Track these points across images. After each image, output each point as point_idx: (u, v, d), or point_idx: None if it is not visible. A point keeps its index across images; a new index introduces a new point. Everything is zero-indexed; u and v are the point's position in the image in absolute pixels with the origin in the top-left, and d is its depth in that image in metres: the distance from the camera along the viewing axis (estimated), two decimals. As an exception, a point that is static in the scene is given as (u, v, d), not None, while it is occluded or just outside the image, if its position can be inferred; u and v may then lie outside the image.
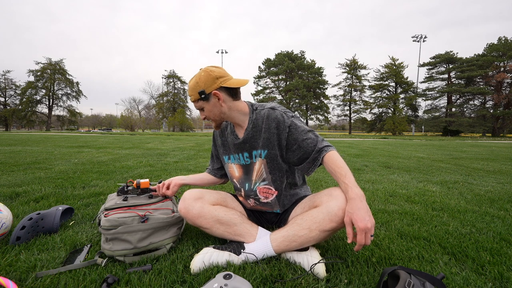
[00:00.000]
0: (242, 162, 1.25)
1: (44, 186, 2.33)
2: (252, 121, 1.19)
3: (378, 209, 1.84)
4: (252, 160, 1.22)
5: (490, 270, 1.03)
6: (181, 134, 26.49)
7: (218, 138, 1.34)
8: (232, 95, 1.14)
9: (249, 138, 1.20)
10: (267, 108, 1.19)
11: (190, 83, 1.13)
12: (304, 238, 1.04)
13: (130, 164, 3.84)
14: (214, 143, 1.40)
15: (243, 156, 1.24)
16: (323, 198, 1.09)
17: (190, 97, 1.14)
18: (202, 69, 1.13)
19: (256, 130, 1.18)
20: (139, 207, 1.20)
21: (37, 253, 1.11)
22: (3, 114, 41.58)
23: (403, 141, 15.17)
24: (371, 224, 0.91)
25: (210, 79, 1.09)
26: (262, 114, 1.18)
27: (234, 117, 1.19)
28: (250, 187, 1.26)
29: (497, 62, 36.95)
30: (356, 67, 44.05)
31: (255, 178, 1.24)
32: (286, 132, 1.14)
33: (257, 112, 1.20)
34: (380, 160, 5.01)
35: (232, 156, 1.28)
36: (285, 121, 1.14)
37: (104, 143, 8.65)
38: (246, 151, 1.22)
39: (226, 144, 1.30)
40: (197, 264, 0.99)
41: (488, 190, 2.52)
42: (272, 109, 1.17)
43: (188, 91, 1.15)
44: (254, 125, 1.18)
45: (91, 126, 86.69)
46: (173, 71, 50.28)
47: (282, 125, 1.14)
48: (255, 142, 1.19)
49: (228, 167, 1.33)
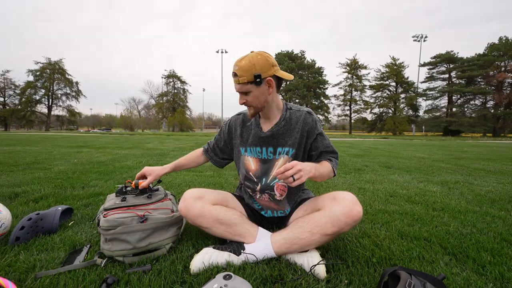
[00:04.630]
0: (262, 156, 1.25)
1: (44, 186, 2.32)
2: (285, 118, 1.21)
3: (379, 209, 1.83)
4: (275, 156, 1.24)
5: (491, 271, 1.03)
6: (181, 134, 26.50)
7: (238, 128, 1.32)
8: (278, 86, 1.16)
9: (279, 134, 1.21)
10: (304, 111, 1.23)
11: (242, 63, 1.06)
12: (306, 241, 1.04)
13: (130, 164, 3.84)
14: (229, 133, 1.35)
15: (267, 150, 1.24)
16: (326, 201, 1.09)
17: (240, 77, 1.07)
18: (257, 52, 1.09)
19: (287, 128, 1.21)
20: (138, 207, 1.20)
21: (37, 254, 1.10)
22: (2, 114, 41.59)
23: (403, 141, 15.16)
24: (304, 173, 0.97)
25: (267, 64, 1.07)
26: (298, 115, 1.22)
27: (271, 109, 1.20)
28: (266, 181, 1.26)
29: (498, 62, 36.90)
30: (357, 67, 44.03)
31: (273, 174, 1.24)
32: (313, 138, 1.22)
33: (292, 112, 1.23)
34: (380, 160, 5.00)
35: (250, 149, 1.27)
36: (317, 129, 1.22)
37: (103, 143, 8.64)
38: (272, 146, 1.23)
39: (245, 135, 1.29)
40: (196, 265, 0.98)
41: (489, 190, 2.51)
42: (309, 113, 1.23)
43: (237, 70, 1.07)
44: (286, 123, 1.21)
45: (90, 126, 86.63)
46: (173, 71, 50.32)
47: (313, 131, 1.22)
48: (283, 139, 1.22)
49: (243, 159, 1.31)
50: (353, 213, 1.00)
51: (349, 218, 1.00)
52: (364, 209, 1.76)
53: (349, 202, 1.03)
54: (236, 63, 1.10)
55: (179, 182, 2.61)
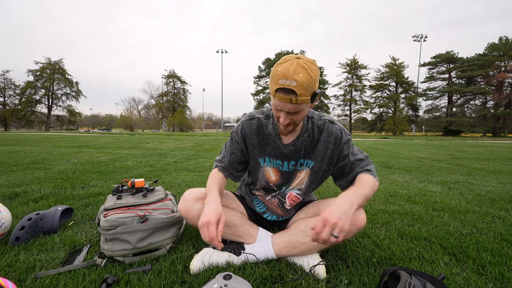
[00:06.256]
0: (283, 169, 1.16)
1: (44, 186, 2.32)
2: (307, 130, 1.11)
3: (379, 210, 1.83)
4: (297, 167, 1.16)
5: (491, 271, 1.03)
6: (180, 134, 26.49)
7: (253, 137, 1.15)
8: None
9: (302, 147, 1.12)
10: (326, 119, 1.12)
11: (301, 78, 0.85)
12: (307, 246, 1.03)
13: (130, 164, 3.84)
14: (244, 142, 1.16)
15: (288, 164, 1.15)
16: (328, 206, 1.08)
17: (300, 96, 0.87)
18: (307, 60, 0.89)
19: (310, 140, 1.12)
20: (139, 207, 1.20)
21: (37, 254, 1.10)
22: (2, 114, 41.57)
23: (403, 141, 15.16)
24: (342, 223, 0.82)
25: (318, 76, 0.92)
26: (320, 125, 1.11)
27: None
28: (286, 189, 1.22)
29: (498, 61, 36.87)
30: (357, 67, 44.00)
31: (295, 185, 1.20)
32: (340, 148, 1.11)
33: (313, 122, 1.12)
34: (380, 160, 5.00)
35: (269, 159, 1.16)
36: (343, 138, 1.10)
37: (103, 143, 8.64)
38: (294, 160, 1.14)
39: (264, 145, 1.15)
40: (196, 265, 0.98)
41: (489, 190, 2.51)
42: (331, 122, 1.11)
43: (295, 87, 0.85)
44: (309, 134, 1.11)
45: (90, 126, 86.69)
46: (172, 71, 50.24)
47: (339, 141, 1.10)
48: (306, 151, 1.13)
49: (263, 171, 1.19)
50: (357, 221, 0.97)
51: (352, 226, 0.97)
52: (364, 209, 1.76)
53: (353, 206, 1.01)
54: (288, 74, 0.85)
55: (179, 182, 2.61)
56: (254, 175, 1.23)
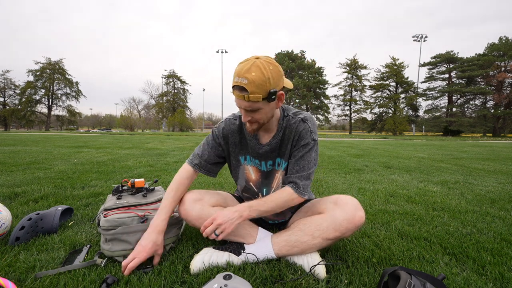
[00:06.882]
0: (262, 168, 1.17)
1: (44, 186, 2.32)
2: (282, 129, 1.10)
3: (379, 210, 1.83)
4: (275, 167, 1.16)
5: (491, 271, 1.03)
6: (180, 134, 26.49)
7: (235, 135, 1.16)
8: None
9: (277, 147, 1.11)
10: (299, 118, 1.09)
11: (253, 76, 0.86)
12: (307, 245, 1.03)
13: (130, 164, 3.84)
14: (225, 141, 1.18)
15: (266, 164, 1.16)
16: (328, 205, 1.07)
17: (251, 94, 0.89)
18: (264, 59, 0.90)
19: (284, 139, 1.11)
20: (139, 207, 1.20)
21: (37, 254, 1.10)
22: (2, 114, 41.56)
23: (403, 141, 15.16)
24: (224, 227, 0.95)
25: (279, 75, 0.92)
26: (292, 123, 1.09)
27: (271, 121, 1.07)
28: (268, 192, 1.21)
29: (498, 62, 36.88)
30: (357, 67, 44.03)
31: (275, 185, 1.20)
32: (297, 148, 1.08)
33: (288, 119, 1.10)
34: (380, 160, 5.00)
35: (249, 157, 1.18)
36: (304, 139, 1.07)
37: (103, 143, 8.64)
38: (271, 159, 1.15)
39: (244, 143, 1.16)
40: (196, 265, 0.99)
41: (489, 190, 2.51)
42: (303, 121, 1.08)
43: (246, 85, 0.87)
44: (284, 133, 1.10)
45: (90, 126, 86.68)
46: (172, 71, 50.24)
47: (299, 140, 1.08)
48: (281, 151, 1.13)
49: (243, 169, 1.21)
50: (355, 219, 0.99)
51: (351, 223, 0.99)
52: (364, 209, 1.75)
53: (352, 208, 1.01)
54: (241, 73, 0.88)
55: (179, 182, 2.61)
56: (235, 173, 1.25)
